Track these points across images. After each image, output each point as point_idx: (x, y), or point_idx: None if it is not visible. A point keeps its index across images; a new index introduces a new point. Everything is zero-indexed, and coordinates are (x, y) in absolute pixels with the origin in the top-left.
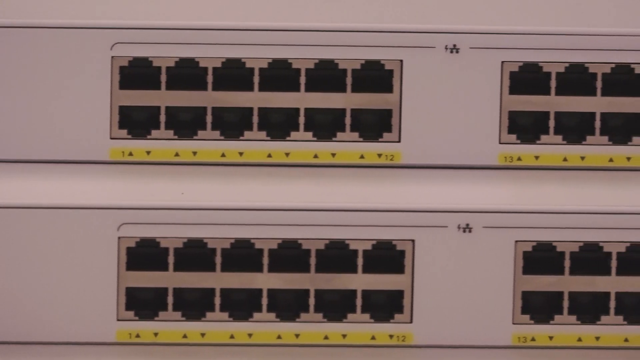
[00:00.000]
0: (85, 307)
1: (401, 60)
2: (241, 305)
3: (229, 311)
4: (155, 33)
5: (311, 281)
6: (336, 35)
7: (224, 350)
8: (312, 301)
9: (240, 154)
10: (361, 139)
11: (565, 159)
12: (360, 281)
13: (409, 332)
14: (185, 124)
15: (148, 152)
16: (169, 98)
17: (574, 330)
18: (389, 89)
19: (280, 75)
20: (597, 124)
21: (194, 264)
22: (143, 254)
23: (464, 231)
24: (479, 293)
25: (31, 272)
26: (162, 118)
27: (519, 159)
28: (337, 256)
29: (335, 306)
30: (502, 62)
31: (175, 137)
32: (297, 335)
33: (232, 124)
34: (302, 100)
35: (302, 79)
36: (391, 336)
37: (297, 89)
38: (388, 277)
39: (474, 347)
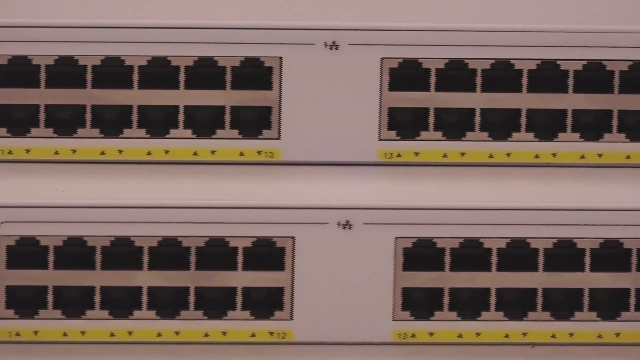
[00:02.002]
0: None
1: (280, 57)
2: (121, 303)
3: (109, 309)
4: (34, 31)
5: (191, 279)
6: (215, 33)
7: (104, 349)
8: (192, 299)
9: (120, 151)
10: (241, 136)
11: (445, 155)
12: (240, 278)
13: (289, 329)
14: (65, 122)
15: (28, 151)
16: (48, 96)
17: (454, 326)
18: (268, 86)
19: (160, 72)
20: (477, 120)
21: (74, 262)
22: (23, 253)
23: (344, 228)
24: (359, 290)
25: None
26: (42, 116)
27: (398, 155)
28: (217, 253)
29: (216, 303)
30: (382, 58)
31: (55, 135)
32: (177, 333)
33: (112, 122)
34: (182, 97)
35: (182, 77)
36: (271, 333)
37: (177, 87)
38: (268, 274)
39: (354, 343)
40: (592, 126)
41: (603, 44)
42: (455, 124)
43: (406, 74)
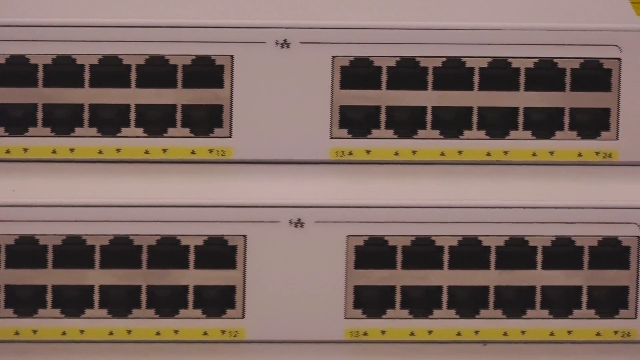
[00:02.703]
0: None
1: (232, 56)
2: (73, 302)
3: (61, 308)
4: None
5: (143, 277)
6: (167, 31)
7: (56, 347)
8: (144, 297)
9: (71, 150)
10: (192, 135)
11: (396, 154)
12: (192, 277)
13: (241, 328)
14: (16, 120)
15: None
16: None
17: (406, 324)
18: (219, 84)
19: (111, 71)
20: (428, 118)
21: (26, 261)
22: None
23: (296, 226)
24: (311, 288)
25: None
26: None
27: (350, 153)
28: (168, 252)
29: (167, 302)
30: (333, 56)
31: (7, 134)
32: (129, 332)
33: (63, 120)
34: (133, 96)
35: (133, 75)
36: (223, 332)
37: (128, 85)
38: (220, 273)
39: (306, 342)
40: (544, 124)
41: (554, 41)
42: (406, 122)
43: (357, 72)
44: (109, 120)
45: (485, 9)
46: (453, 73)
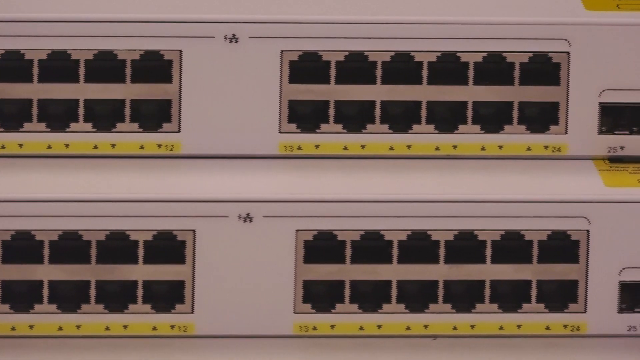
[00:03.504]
0: None
1: (180, 51)
2: (22, 297)
3: (10, 303)
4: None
5: (92, 272)
6: (115, 26)
7: (5, 343)
8: (93, 292)
9: (20, 145)
10: (141, 130)
11: (345, 148)
12: (141, 272)
13: (191, 323)
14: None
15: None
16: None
17: (355, 319)
18: (168, 79)
19: (59, 66)
20: (377, 112)
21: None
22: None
23: (245, 221)
24: (260, 283)
25: None
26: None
27: (299, 148)
28: (118, 247)
29: (117, 297)
30: (282, 51)
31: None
32: (78, 327)
33: (12, 115)
34: (82, 91)
35: (82, 70)
36: (172, 326)
37: (77, 80)
38: (169, 268)
39: (255, 337)
40: (493, 118)
41: (503, 35)
42: (355, 117)
43: (306, 67)
44: (58, 116)
45: (434, 3)
46: (401, 67)
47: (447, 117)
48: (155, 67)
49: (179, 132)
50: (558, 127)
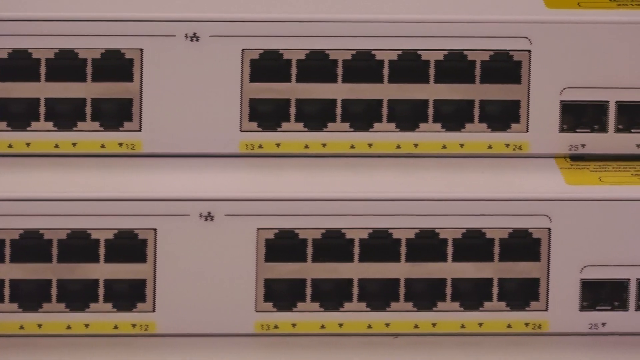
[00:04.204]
0: None
1: (141, 49)
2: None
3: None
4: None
5: (53, 271)
6: (76, 25)
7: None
8: (54, 291)
9: None
10: (102, 129)
11: (306, 147)
12: (102, 270)
13: (152, 321)
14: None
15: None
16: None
17: (316, 317)
18: (129, 78)
19: (20, 65)
20: (338, 110)
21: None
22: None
23: (206, 219)
24: (221, 281)
25: None
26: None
27: (260, 146)
28: (79, 246)
29: (78, 296)
30: (243, 49)
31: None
32: (39, 326)
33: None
34: (43, 90)
35: (43, 69)
36: (134, 325)
37: (38, 79)
38: (130, 266)
39: (217, 335)
40: (454, 116)
41: (464, 34)
42: (316, 115)
43: (267, 65)
44: (19, 115)
45: (395, 2)
46: (362, 66)
47: (408, 116)
48: (116, 66)
49: (140, 130)
50: (519, 125)
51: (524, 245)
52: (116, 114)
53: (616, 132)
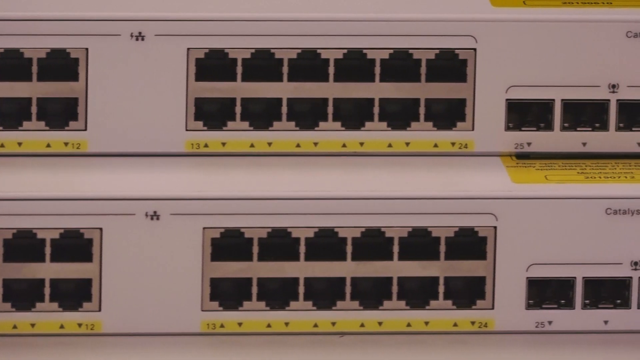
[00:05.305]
0: None
1: (87, 49)
2: None
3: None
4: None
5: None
6: (21, 24)
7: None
8: (0, 291)
9: None
10: (47, 128)
11: (252, 145)
12: (48, 270)
13: (98, 321)
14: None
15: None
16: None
17: (263, 316)
18: (74, 77)
19: None
20: (284, 109)
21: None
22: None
23: (152, 219)
24: (167, 280)
25: None
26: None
27: (205, 145)
28: (25, 245)
29: (24, 295)
30: (188, 49)
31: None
32: None
33: None
34: None
35: None
36: (80, 325)
37: None
38: (76, 266)
39: (163, 334)
40: (400, 115)
41: (410, 32)
42: (262, 114)
43: (212, 64)
44: None
45: (340, 0)
46: (308, 64)
47: (353, 114)
48: (62, 65)
49: (85, 130)
50: (465, 123)
51: (470, 243)
52: (62, 114)
53: (562, 131)
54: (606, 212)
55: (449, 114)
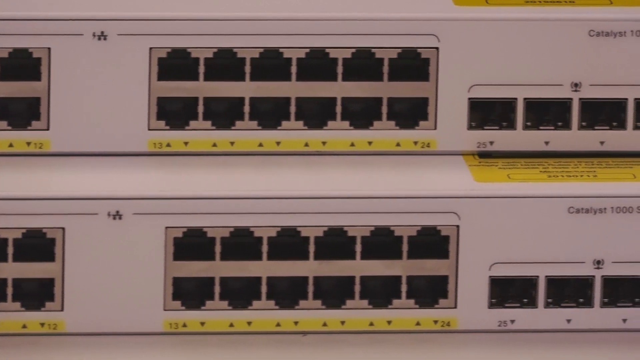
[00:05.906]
0: None
1: (49, 48)
2: None
3: None
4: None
5: None
6: None
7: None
8: None
9: None
10: (10, 128)
11: (214, 145)
12: (10, 270)
13: (61, 320)
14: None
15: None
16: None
17: (225, 316)
18: (37, 77)
19: None
20: (246, 108)
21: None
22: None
23: (114, 218)
24: (130, 280)
25: None
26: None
27: (168, 145)
28: None
29: None
30: (150, 48)
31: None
32: None
33: None
34: None
35: None
36: (42, 324)
37: None
38: (38, 265)
39: (125, 334)
40: (362, 114)
41: (372, 31)
42: (224, 114)
43: (175, 64)
44: None
45: None
46: (270, 64)
47: (316, 113)
48: (24, 65)
49: (47, 130)
50: (427, 122)
51: (433, 242)
52: (24, 113)
53: (524, 129)
54: (569, 210)
55: (412, 113)
